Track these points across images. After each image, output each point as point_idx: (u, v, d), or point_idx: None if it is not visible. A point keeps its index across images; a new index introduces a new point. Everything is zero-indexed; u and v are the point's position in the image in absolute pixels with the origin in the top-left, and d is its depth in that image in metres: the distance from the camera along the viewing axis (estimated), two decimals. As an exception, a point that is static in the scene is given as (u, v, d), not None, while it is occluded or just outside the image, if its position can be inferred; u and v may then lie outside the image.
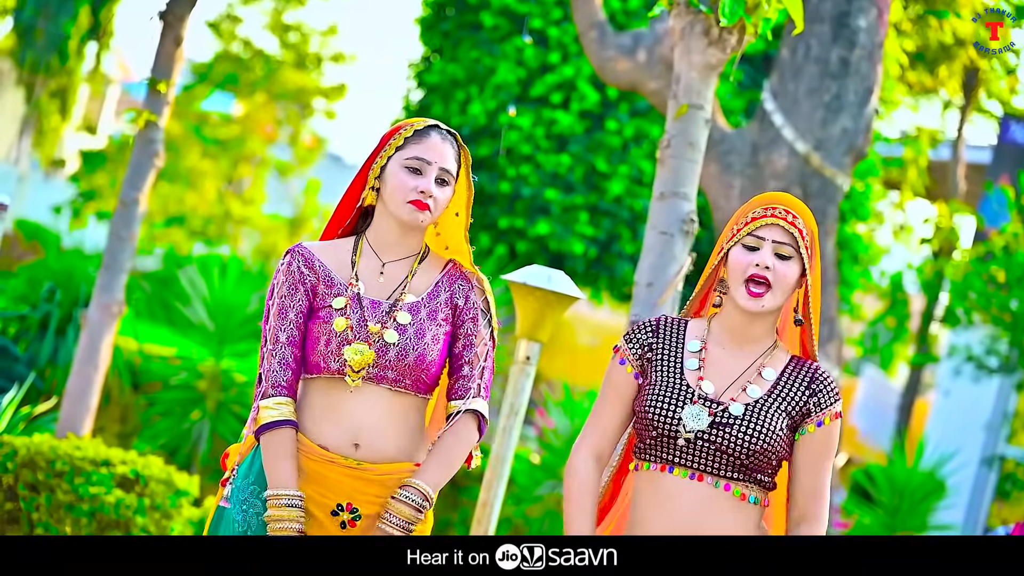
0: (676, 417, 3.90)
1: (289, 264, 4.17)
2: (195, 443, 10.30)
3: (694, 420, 3.89)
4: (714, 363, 4.00)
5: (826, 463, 3.97)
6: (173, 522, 6.89)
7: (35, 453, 6.76)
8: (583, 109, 15.25)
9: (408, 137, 4.20)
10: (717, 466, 3.89)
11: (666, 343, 4.05)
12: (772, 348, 4.03)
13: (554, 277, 6.03)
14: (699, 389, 3.93)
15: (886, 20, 9.73)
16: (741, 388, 3.94)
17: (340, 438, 4.06)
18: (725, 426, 3.88)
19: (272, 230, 24.88)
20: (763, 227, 3.98)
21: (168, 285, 15.09)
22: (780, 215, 3.97)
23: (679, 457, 3.90)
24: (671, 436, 3.91)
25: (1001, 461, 17.72)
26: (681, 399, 3.92)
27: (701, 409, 3.90)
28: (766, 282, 3.94)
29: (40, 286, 10.75)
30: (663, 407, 3.92)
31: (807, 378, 3.99)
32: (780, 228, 3.97)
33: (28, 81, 26.80)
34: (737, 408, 3.89)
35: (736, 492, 3.89)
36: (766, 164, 9.55)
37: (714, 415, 3.89)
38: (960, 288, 14.33)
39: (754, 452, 3.87)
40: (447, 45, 16.40)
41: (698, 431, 3.88)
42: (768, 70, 14.11)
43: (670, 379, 3.97)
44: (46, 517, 6.68)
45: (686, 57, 5.82)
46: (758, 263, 3.94)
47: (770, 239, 3.96)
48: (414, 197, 4.11)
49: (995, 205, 16.53)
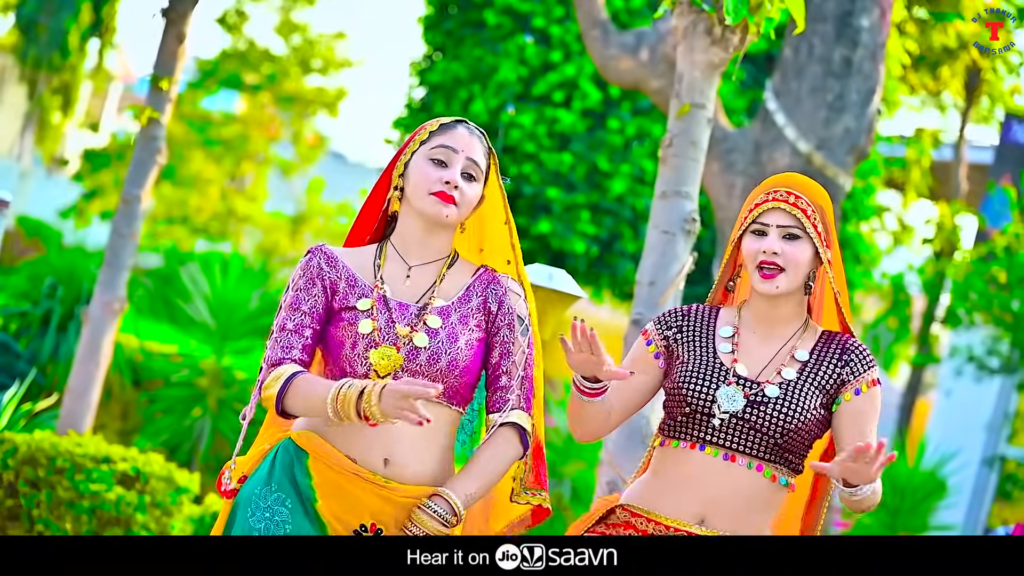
0: (711, 396, 3.91)
1: (309, 260, 3.92)
2: (196, 440, 10.30)
3: (729, 401, 3.90)
4: (746, 348, 4.00)
5: (871, 426, 3.93)
6: (173, 519, 6.89)
7: (36, 450, 6.76)
8: (585, 108, 15.26)
9: (433, 131, 3.94)
10: (751, 446, 3.89)
11: (696, 326, 4.06)
12: (803, 329, 4.04)
13: (556, 276, 6.03)
14: (734, 370, 3.95)
15: (889, 20, 9.73)
16: (775, 371, 3.95)
17: (369, 451, 3.77)
18: (761, 405, 3.88)
19: (274, 228, 24.89)
20: (767, 212, 3.98)
21: (170, 282, 15.10)
22: (781, 198, 3.98)
23: (712, 436, 3.91)
24: (706, 414, 3.91)
25: (1002, 461, 17.71)
26: (717, 378, 3.93)
27: (736, 390, 3.91)
28: (776, 266, 3.95)
29: (42, 283, 10.76)
30: (698, 385, 3.93)
31: (838, 350, 3.98)
32: (782, 211, 3.97)
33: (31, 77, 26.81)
34: (773, 390, 3.90)
35: (767, 473, 3.90)
36: (768, 163, 9.55)
37: (749, 396, 3.90)
38: (961, 288, 14.32)
39: (788, 431, 3.87)
40: (450, 43, 16.41)
41: (733, 412, 3.89)
42: (770, 69, 14.10)
43: (704, 358, 3.98)
44: (46, 514, 6.68)
45: (689, 56, 5.81)
46: (765, 249, 3.95)
47: (775, 224, 3.97)
48: (438, 188, 3.85)
49: (997, 205, 16.53)
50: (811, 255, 3.99)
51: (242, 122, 24.33)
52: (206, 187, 23.68)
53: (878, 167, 15.28)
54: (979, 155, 19.64)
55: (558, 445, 10.61)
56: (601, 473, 5.80)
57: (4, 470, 6.74)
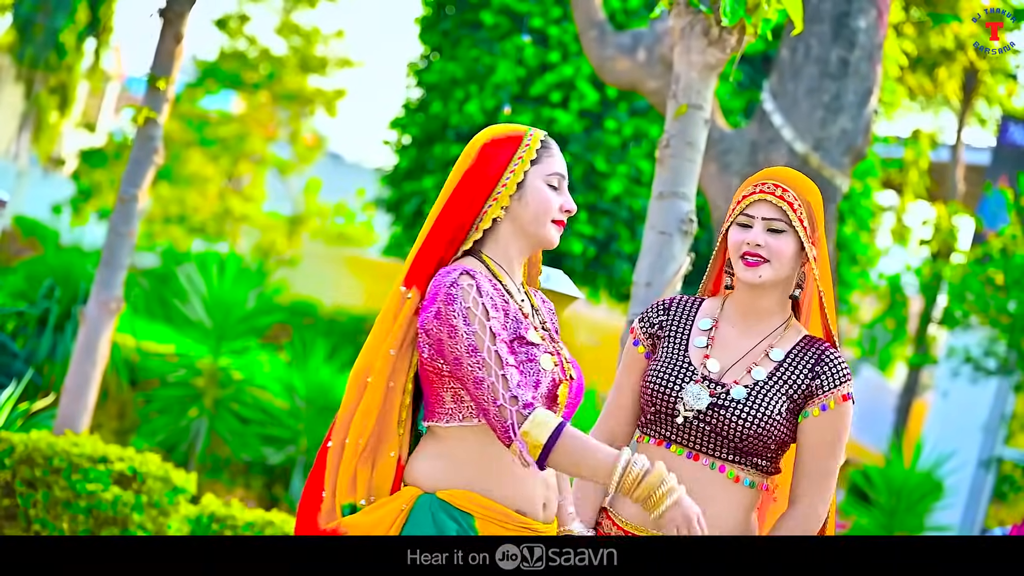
0: (676, 395, 3.92)
1: (479, 285, 3.63)
2: (193, 440, 10.30)
3: (694, 400, 3.90)
4: (723, 341, 4.01)
5: (830, 448, 3.92)
6: (170, 519, 6.89)
7: (32, 449, 6.76)
8: (582, 108, 15.26)
9: (539, 149, 3.77)
10: (713, 447, 3.90)
11: (677, 320, 4.08)
12: (783, 328, 4.03)
13: (553, 276, 6.02)
14: (703, 368, 3.95)
15: (886, 21, 9.73)
16: (746, 369, 3.95)
17: (532, 501, 3.72)
18: (723, 408, 3.88)
19: (271, 228, 24.87)
20: (753, 204, 3.99)
21: (167, 282, 15.10)
22: (768, 191, 3.97)
23: (676, 435, 3.92)
24: (670, 413, 3.93)
25: (998, 463, 17.72)
26: (683, 377, 3.94)
27: (702, 389, 3.91)
28: (760, 257, 3.95)
29: (39, 282, 10.75)
30: (664, 384, 3.95)
31: (813, 358, 3.96)
32: (768, 204, 3.97)
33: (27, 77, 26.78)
34: (739, 392, 3.89)
35: (731, 474, 3.90)
36: (765, 164, 9.55)
37: (715, 396, 3.90)
38: (958, 290, 14.33)
39: (750, 436, 3.87)
40: (447, 44, 16.41)
41: (696, 411, 3.89)
42: (767, 70, 14.11)
43: (674, 355, 3.99)
44: (43, 514, 6.68)
45: (686, 57, 5.81)
46: (748, 241, 3.95)
47: (759, 216, 3.97)
48: (559, 217, 3.76)
49: (994, 207, 16.53)
50: (796, 249, 3.98)
51: (240, 122, 24.31)
52: (203, 187, 23.67)
53: (875, 168, 15.28)
54: (976, 156, 19.66)
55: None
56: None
57: (1, 470, 6.73)
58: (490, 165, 3.75)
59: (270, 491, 10.57)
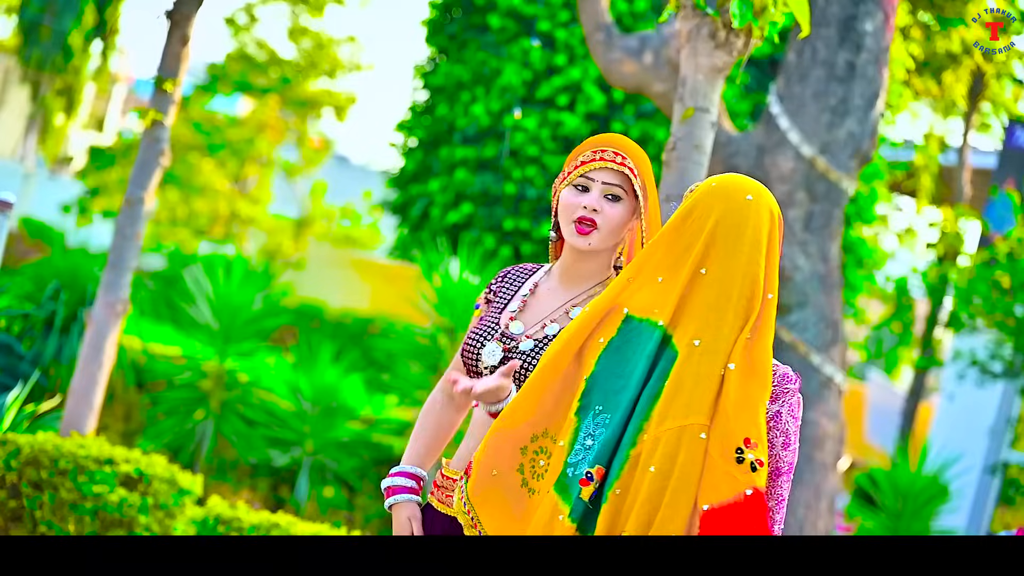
0: (477, 354, 4.00)
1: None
2: (199, 442, 10.30)
3: (490, 356, 3.97)
4: (539, 303, 4.05)
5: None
6: (176, 521, 6.89)
7: (39, 451, 6.77)
8: (589, 111, 15.26)
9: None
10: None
11: (508, 286, 4.14)
12: (597, 286, 4.06)
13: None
14: (507, 328, 4.00)
15: (893, 24, 9.73)
16: (542, 326, 3.99)
17: None
18: (512, 359, 3.94)
19: (278, 230, 24.90)
20: (594, 170, 4.00)
21: (173, 284, 15.11)
22: (609, 158, 3.99)
23: None
24: (475, 372, 4.01)
25: (1005, 466, 17.69)
26: (486, 336, 4.01)
27: (497, 346, 3.97)
28: (593, 223, 3.97)
29: (45, 284, 10.75)
30: (470, 344, 4.04)
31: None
32: (610, 170, 3.99)
33: (34, 79, 26.84)
34: (527, 344, 3.94)
35: None
36: (771, 167, 9.55)
37: (507, 351, 3.96)
38: (965, 293, 14.31)
39: None
40: (453, 47, 16.43)
41: (491, 367, 3.95)
42: (774, 73, 14.10)
43: (488, 318, 4.07)
44: (49, 515, 6.69)
45: (692, 60, 5.82)
46: (586, 205, 3.97)
47: (600, 180, 3.99)
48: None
49: (1000, 210, 16.51)
50: (628, 219, 4.02)
51: (246, 124, 24.33)
52: (211, 193, 23.69)
53: (881, 171, 15.27)
54: (982, 160, 19.63)
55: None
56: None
57: (7, 471, 6.74)
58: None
59: (276, 493, 10.57)
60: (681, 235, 3.75)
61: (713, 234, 3.72)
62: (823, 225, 9.54)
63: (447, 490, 4.04)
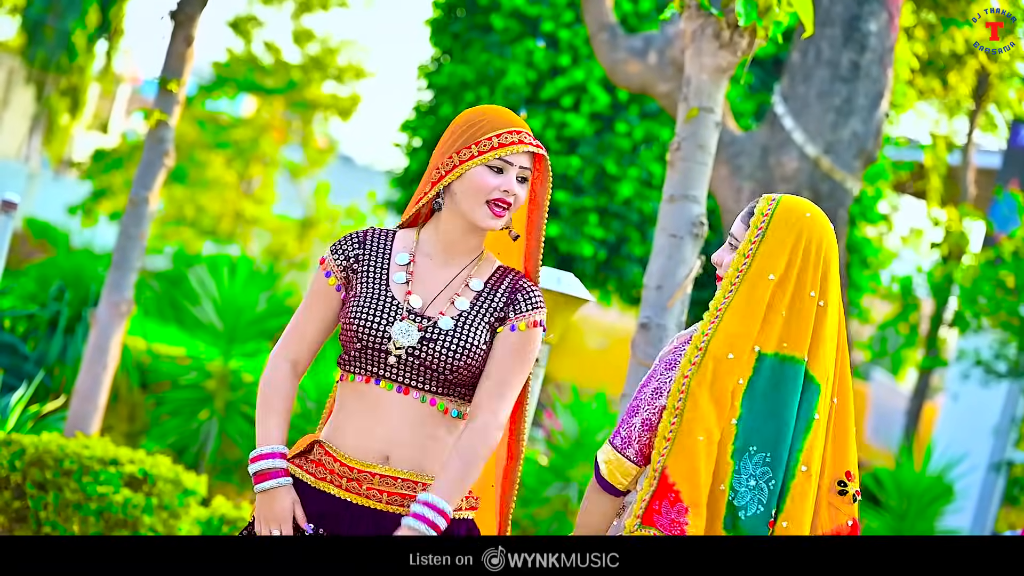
0: (385, 333, 3.90)
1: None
2: (203, 443, 10.30)
3: (404, 336, 3.89)
4: (422, 275, 4.00)
5: (515, 365, 3.96)
6: (181, 522, 6.90)
7: (43, 452, 6.77)
8: (593, 111, 15.26)
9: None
10: (423, 380, 3.91)
11: (373, 254, 4.04)
12: (479, 258, 4.05)
13: (563, 279, 6.03)
14: (407, 303, 3.94)
15: (897, 24, 9.72)
16: (449, 300, 3.96)
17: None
18: (433, 341, 3.89)
19: (282, 231, 24.89)
20: (515, 154, 3.99)
21: (177, 284, 15.11)
22: (527, 141, 3.99)
23: (385, 371, 3.91)
24: (380, 351, 3.91)
25: (1009, 466, 17.68)
26: (390, 314, 3.92)
27: (410, 325, 3.90)
28: (508, 205, 3.97)
29: (49, 285, 10.76)
30: (371, 321, 3.92)
31: (510, 287, 4.00)
32: (528, 155, 4.00)
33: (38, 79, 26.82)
34: (446, 322, 3.91)
35: (440, 406, 3.92)
36: (776, 167, 9.55)
37: (423, 330, 3.91)
38: (969, 292, 14.31)
39: (460, 367, 3.89)
40: (457, 47, 16.42)
41: (408, 347, 3.89)
42: (778, 73, 14.10)
43: (376, 292, 3.96)
44: (54, 516, 6.69)
45: (697, 60, 5.82)
46: (506, 189, 3.96)
47: (518, 164, 3.98)
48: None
49: (1005, 210, 16.51)
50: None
51: (251, 125, 24.33)
52: (215, 189, 23.68)
53: (886, 171, 15.26)
54: (987, 159, 19.62)
55: (565, 448, 10.61)
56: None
57: (11, 472, 6.74)
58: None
59: (280, 493, 10.56)
60: (792, 267, 3.89)
61: (827, 265, 3.91)
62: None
63: (337, 474, 3.93)
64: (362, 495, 3.91)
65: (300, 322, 4.06)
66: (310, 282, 4.09)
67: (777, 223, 3.92)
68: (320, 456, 3.98)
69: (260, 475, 3.92)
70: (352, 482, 3.92)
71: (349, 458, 3.93)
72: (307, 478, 3.97)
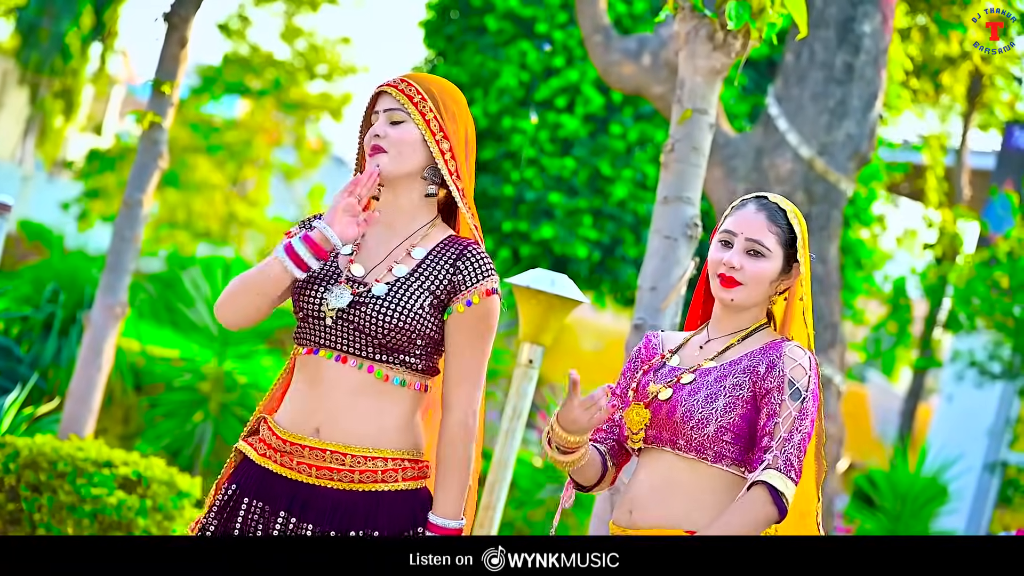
0: (320, 297, 3.90)
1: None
2: (197, 445, 10.30)
3: (336, 299, 3.87)
4: (368, 246, 3.99)
5: (477, 344, 3.94)
6: (175, 524, 6.89)
7: (37, 454, 6.76)
8: (587, 113, 15.26)
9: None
10: (358, 346, 3.88)
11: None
12: (428, 226, 4.01)
13: (557, 281, 6.03)
14: (348, 272, 3.93)
15: (891, 26, 9.74)
16: (387, 268, 3.93)
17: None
18: (364, 305, 3.87)
19: (276, 233, 24.89)
20: (375, 102, 4.02)
21: (171, 287, 15.09)
22: (392, 83, 3.99)
23: (324, 339, 3.90)
24: (317, 316, 3.90)
25: (1003, 467, 17.71)
26: (329, 280, 3.92)
27: (344, 289, 3.89)
28: (380, 148, 3.95)
29: (43, 287, 10.75)
30: (310, 288, 3.92)
31: (455, 255, 3.94)
32: (388, 96, 3.99)
33: (32, 81, 26.81)
34: (380, 288, 3.88)
35: (379, 374, 3.87)
36: (770, 169, 9.56)
37: (356, 295, 3.88)
38: (963, 293, 14.33)
39: (392, 331, 3.85)
40: (451, 49, 16.42)
41: (339, 309, 3.87)
42: (772, 75, 14.11)
43: (322, 261, 3.93)
44: (48, 518, 6.68)
45: (691, 61, 5.82)
46: (377, 133, 3.96)
47: (381, 109, 3.99)
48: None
49: (999, 211, 16.54)
50: (418, 139, 3.97)
51: (244, 127, 24.33)
52: (209, 192, 23.68)
53: (880, 173, 15.28)
54: (981, 160, 19.64)
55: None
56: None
57: (5, 474, 6.74)
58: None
59: (275, 495, 10.57)
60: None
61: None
62: (822, 226, 9.55)
63: (274, 448, 3.92)
64: (293, 469, 3.88)
65: (245, 276, 4.01)
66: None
67: (805, 239, 4.10)
68: (264, 432, 3.98)
69: (284, 248, 3.90)
70: (285, 456, 3.90)
71: (285, 431, 3.91)
72: (252, 453, 3.97)
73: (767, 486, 3.74)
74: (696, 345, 4.05)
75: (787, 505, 3.75)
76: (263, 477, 3.92)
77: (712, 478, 3.86)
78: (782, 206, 4.02)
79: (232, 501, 3.93)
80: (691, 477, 3.88)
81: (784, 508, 3.75)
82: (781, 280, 4.02)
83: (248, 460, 3.98)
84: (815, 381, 3.88)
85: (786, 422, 3.80)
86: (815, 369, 3.90)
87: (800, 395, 3.82)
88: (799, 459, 3.79)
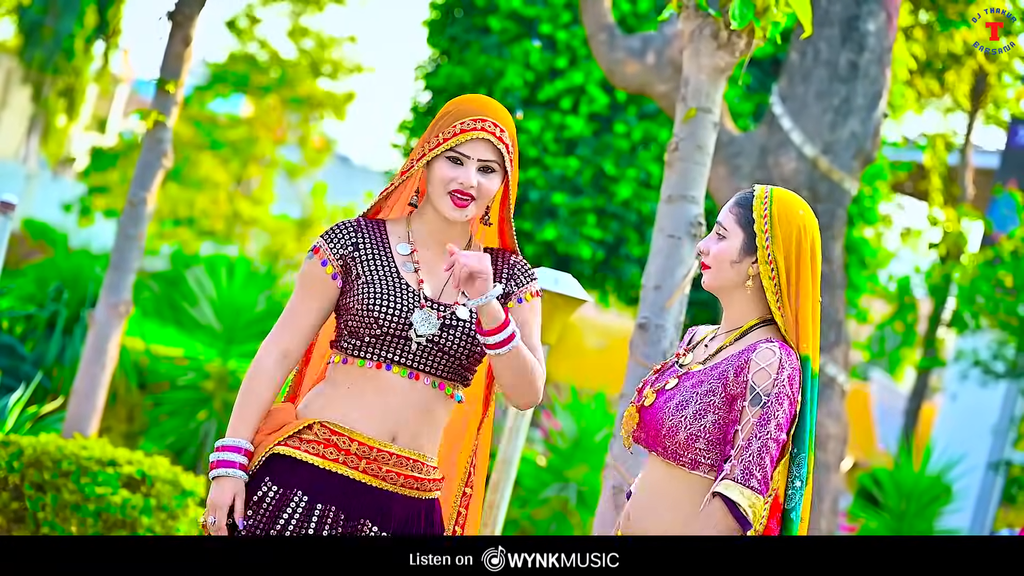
0: (407, 320, 3.94)
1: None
2: (201, 443, 10.30)
3: (425, 324, 3.95)
4: (428, 267, 4.05)
5: (533, 327, 4.08)
6: (179, 523, 6.89)
7: (41, 453, 6.76)
8: (592, 112, 15.25)
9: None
10: (436, 367, 3.98)
11: (371, 244, 4.06)
12: (469, 245, 4.13)
13: (561, 280, 6.03)
14: (422, 292, 3.99)
15: (895, 24, 9.72)
16: (460, 291, 3.98)
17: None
18: (454, 328, 3.97)
19: (280, 231, 24.90)
20: (468, 142, 4.00)
21: (175, 285, 15.10)
22: (489, 130, 4.00)
23: (403, 358, 3.96)
24: (401, 337, 3.95)
25: (1008, 466, 17.69)
26: (410, 302, 3.96)
27: (430, 312, 3.96)
28: (470, 197, 3.99)
29: (47, 285, 10.76)
30: (392, 309, 3.95)
31: (504, 266, 4.11)
32: (487, 143, 4.01)
33: (35, 80, 26.81)
34: (463, 312, 3.97)
35: (448, 391, 4.01)
36: (774, 167, 9.55)
37: (443, 318, 3.97)
38: (968, 292, 14.32)
39: (474, 353, 3.99)
40: (455, 48, 16.40)
41: (430, 335, 3.95)
42: (777, 73, 14.10)
43: (388, 279, 3.99)
44: (52, 517, 6.68)
45: (695, 60, 5.81)
46: (463, 181, 3.98)
47: (475, 156, 4.00)
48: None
49: (1003, 210, 16.51)
50: (500, 187, 4.07)
51: (249, 125, 24.32)
52: (213, 190, 23.68)
53: (884, 171, 15.27)
54: (985, 159, 19.62)
55: (563, 449, 10.61)
56: (606, 476, 5.79)
57: (10, 473, 6.74)
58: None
59: (278, 494, 10.56)
60: (804, 266, 3.88)
61: (816, 261, 3.91)
62: (826, 225, 9.54)
63: (355, 455, 3.94)
64: (379, 477, 3.95)
65: (294, 312, 4.07)
66: (301, 272, 4.08)
67: (779, 220, 3.87)
68: (327, 436, 3.97)
69: (217, 463, 3.96)
70: (372, 463, 3.95)
71: (369, 437, 3.95)
72: (314, 460, 3.97)
73: (722, 498, 3.68)
74: (706, 344, 4.03)
75: (748, 516, 3.66)
76: (335, 483, 3.94)
77: (691, 485, 3.81)
78: (759, 192, 3.93)
79: (274, 503, 3.94)
80: (674, 484, 3.85)
81: (745, 520, 3.66)
82: (745, 261, 3.89)
83: (294, 462, 3.97)
84: (795, 380, 3.76)
85: (745, 429, 3.71)
86: (796, 368, 3.78)
87: (760, 400, 3.71)
88: (760, 466, 3.68)
